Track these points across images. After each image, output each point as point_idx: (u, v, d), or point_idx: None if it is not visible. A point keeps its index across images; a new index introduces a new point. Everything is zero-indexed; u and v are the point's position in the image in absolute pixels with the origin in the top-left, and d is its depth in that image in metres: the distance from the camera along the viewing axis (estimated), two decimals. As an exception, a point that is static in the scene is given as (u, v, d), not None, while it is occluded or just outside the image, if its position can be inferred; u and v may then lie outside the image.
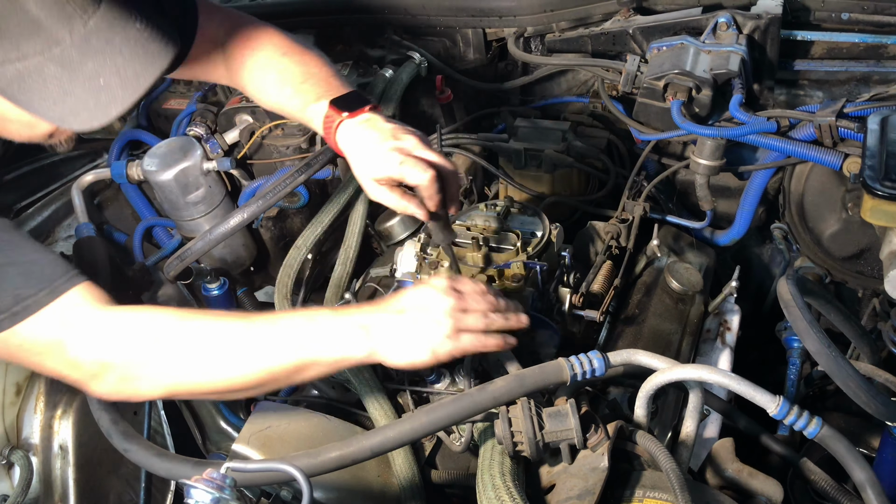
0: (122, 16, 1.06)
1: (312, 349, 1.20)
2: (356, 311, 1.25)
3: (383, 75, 2.06)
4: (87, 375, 1.19)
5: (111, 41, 1.04)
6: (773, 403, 1.16)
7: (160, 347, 1.18)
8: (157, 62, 1.08)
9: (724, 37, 1.77)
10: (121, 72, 1.05)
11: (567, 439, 1.18)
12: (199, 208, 1.88)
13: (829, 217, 1.80)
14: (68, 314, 1.16)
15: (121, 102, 1.06)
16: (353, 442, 1.18)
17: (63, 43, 1.02)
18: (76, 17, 1.02)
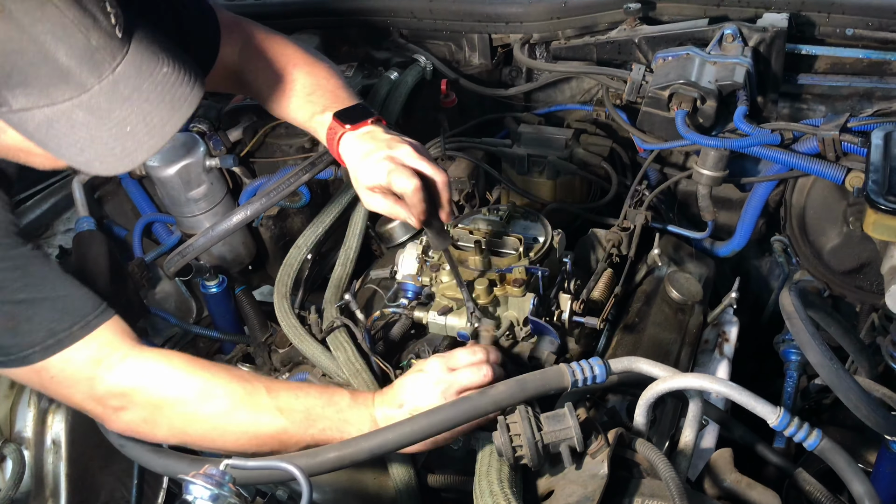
0: (150, 59, 1.08)
1: (325, 433, 1.27)
2: (369, 402, 1.32)
3: (388, 78, 2.06)
4: (110, 411, 1.25)
5: (139, 87, 1.06)
6: (773, 414, 1.16)
7: (182, 399, 1.24)
8: (183, 108, 1.09)
9: (730, 48, 1.78)
10: (147, 119, 1.07)
11: (566, 440, 1.18)
12: (200, 205, 1.88)
13: (829, 231, 1.81)
14: (99, 351, 1.21)
15: (146, 150, 1.08)
16: (352, 443, 1.18)
17: (92, 90, 1.03)
18: (105, 64, 1.03)
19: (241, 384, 1.26)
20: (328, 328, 1.61)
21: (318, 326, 1.64)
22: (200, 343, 2.07)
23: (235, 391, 1.25)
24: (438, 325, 1.55)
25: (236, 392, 1.25)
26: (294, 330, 1.62)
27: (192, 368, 1.26)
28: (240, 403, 1.25)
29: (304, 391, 1.29)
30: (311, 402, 1.28)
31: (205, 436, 1.26)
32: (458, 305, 1.54)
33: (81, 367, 1.20)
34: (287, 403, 1.26)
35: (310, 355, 1.59)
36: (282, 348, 1.81)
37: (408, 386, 1.33)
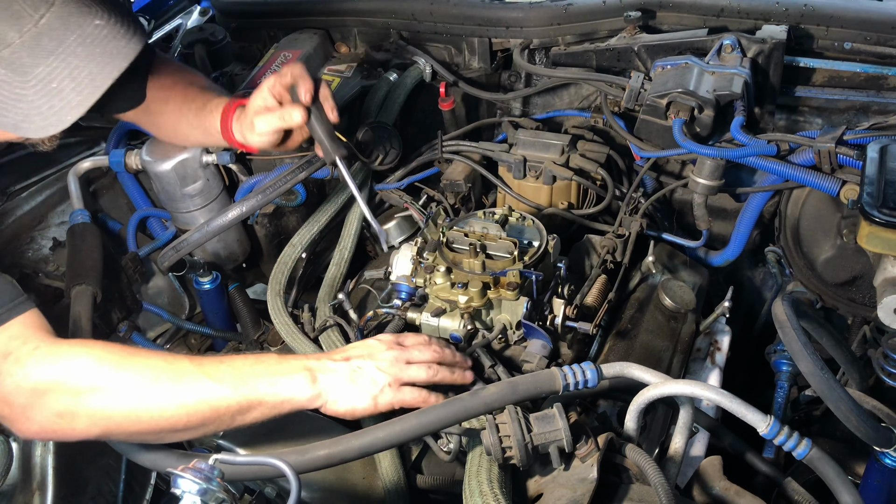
0: (80, 10, 1.01)
1: (257, 389, 1.19)
2: (302, 356, 1.28)
3: (387, 79, 2.07)
4: (19, 411, 1.14)
5: (64, 41, 0.99)
6: (763, 423, 1.17)
7: (100, 384, 1.14)
8: (115, 61, 1.03)
9: (729, 59, 1.79)
10: (74, 74, 1.00)
11: (556, 441, 1.18)
12: (195, 201, 1.87)
13: (823, 243, 1.81)
14: (8, 344, 1.13)
15: (76, 107, 1.02)
16: (342, 441, 1.18)
17: (12, 45, 0.97)
18: (25, 15, 0.97)
19: (162, 358, 1.20)
20: (321, 327, 1.61)
21: (311, 325, 1.64)
22: (192, 339, 2.06)
23: (155, 365, 1.17)
24: (431, 327, 1.55)
25: (156, 365, 1.17)
26: (287, 328, 1.62)
27: (108, 354, 1.17)
28: (161, 374, 1.16)
29: (230, 357, 1.24)
30: (237, 363, 1.22)
31: (128, 416, 1.15)
32: (452, 307, 1.54)
33: None
34: (211, 367, 1.19)
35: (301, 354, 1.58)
36: (274, 346, 1.81)
37: (357, 346, 1.32)
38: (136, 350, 1.22)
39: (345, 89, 2.07)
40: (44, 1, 0.98)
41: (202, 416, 1.17)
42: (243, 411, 1.20)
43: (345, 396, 1.25)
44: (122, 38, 1.03)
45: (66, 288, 1.64)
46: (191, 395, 1.16)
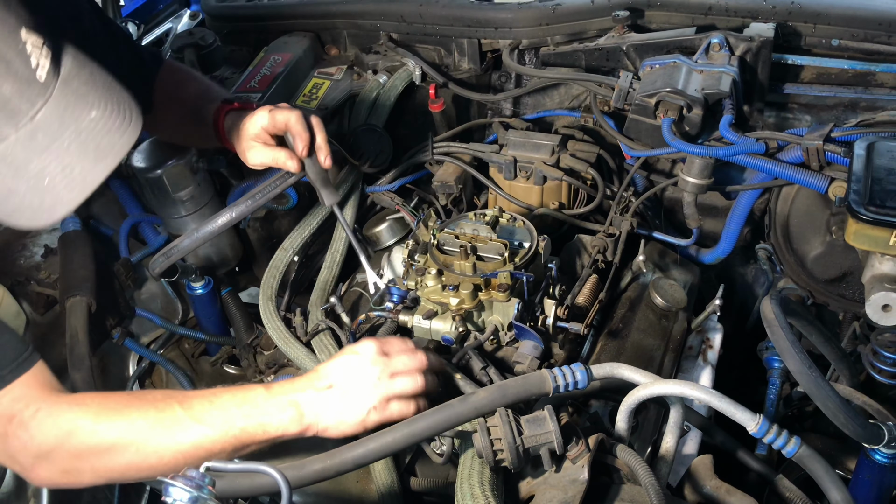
0: (77, 104, 1.02)
1: (247, 431, 1.23)
2: (289, 387, 1.28)
3: (377, 81, 2.07)
4: (27, 467, 1.20)
5: (59, 137, 1.00)
6: (752, 422, 1.17)
7: (99, 444, 1.19)
8: (108, 158, 1.04)
9: (717, 57, 1.79)
10: (67, 171, 1.01)
11: (546, 443, 1.19)
12: (186, 206, 1.87)
13: (813, 239, 1.82)
14: (11, 406, 1.17)
15: (66, 205, 1.03)
16: (336, 454, 1.18)
17: (7, 140, 0.98)
18: (21, 113, 0.97)
19: (154, 407, 1.22)
20: (313, 331, 1.62)
21: (304, 329, 1.64)
22: (186, 344, 2.07)
23: (148, 416, 1.21)
24: (423, 329, 1.56)
25: (149, 417, 1.21)
26: (279, 332, 1.63)
27: (104, 410, 1.21)
28: (155, 426, 1.20)
29: (218, 395, 1.25)
30: (225, 404, 1.24)
31: (129, 468, 1.21)
32: (443, 310, 1.54)
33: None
34: (201, 411, 1.22)
35: (294, 358, 1.59)
36: (267, 350, 1.81)
37: (340, 367, 1.30)
38: (130, 401, 1.25)
39: (334, 92, 2.07)
40: (40, 95, 0.99)
41: (198, 458, 1.21)
42: (237, 450, 1.24)
43: (334, 425, 1.27)
44: (117, 132, 1.05)
45: (60, 299, 1.64)
46: (185, 442, 1.20)
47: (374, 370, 1.29)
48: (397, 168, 2.03)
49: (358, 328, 1.63)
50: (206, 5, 2.41)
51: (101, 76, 1.07)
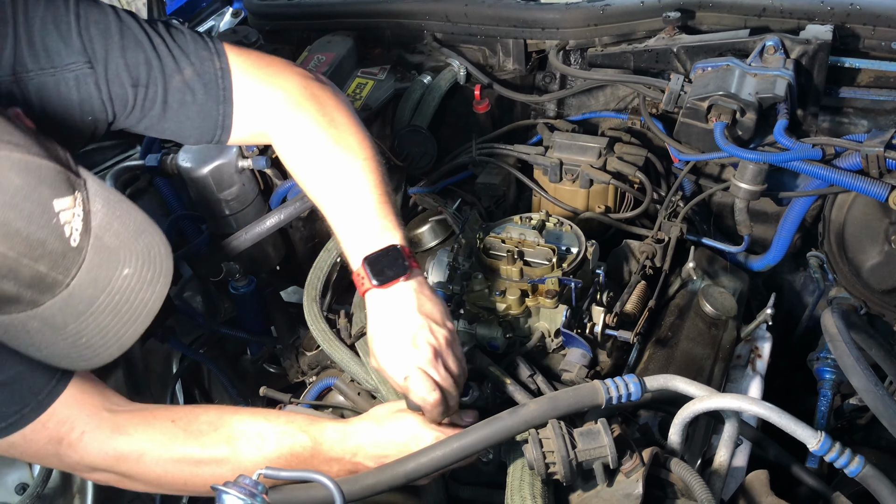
0: (109, 264, 1.03)
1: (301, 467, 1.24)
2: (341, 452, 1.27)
3: (421, 81, 2.05)
4: (84, 475, 1.31)
5: (94, 300, 1.02)
6: (814, 439, 1.14)
7: (144, 469, 1.24)
8: (141, 318, 1.07)
9: (771, 60, 1.75)
10: (103, 332, 1.05)
11: (600, 457, 1.16)
12: (231, 206, 1.87)
13: (869, 248, 1.77)
14: (57, 430, 1.20)
15: (102, 360, 1.08)
16: (388, 469, 1.18)
17: (45, 304, 1.00)
18: (58, 284, 1.00)
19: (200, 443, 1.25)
20: (358, 333, 1.60)
21: (347, 331, 1.63)
22: (227, 343, 2.07)
23: (194, 454, 1.25)
24: (468, 335, 1.54)
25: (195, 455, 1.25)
26: (323, 334, 1.62)
27: (147, 442, 1.24)
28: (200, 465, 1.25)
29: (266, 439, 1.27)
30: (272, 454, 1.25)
31: (172, 487, 1.28)
32: (489, 315, 1.52)
33: (45, 447, 1.21)
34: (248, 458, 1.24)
35: (338, 360, 1.58)
36: (309, 351, 1.81)
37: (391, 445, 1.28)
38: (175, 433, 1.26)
39: (378, 92, 2.06)
40: (74, 262, 1.00)
41: None
42: None
43: None
44: (149, 287, 1.06)
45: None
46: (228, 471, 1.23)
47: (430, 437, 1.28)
48: (440, 169, 2.01)
49: (402, 331, 1.61)
50: (249, 3, 2.41)
51: (130, 218, 1.07)
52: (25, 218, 0.95)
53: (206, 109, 1.35)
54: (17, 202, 0.94)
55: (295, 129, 1.37)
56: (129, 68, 1.28)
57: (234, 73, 1.35)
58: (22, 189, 0.94)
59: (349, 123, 1.39)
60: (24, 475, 1.62)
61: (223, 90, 1.35)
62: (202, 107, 1.34)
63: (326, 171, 1.35)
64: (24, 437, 1.18)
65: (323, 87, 1.42)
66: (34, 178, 0.96)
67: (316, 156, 1.36)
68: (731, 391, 1.67)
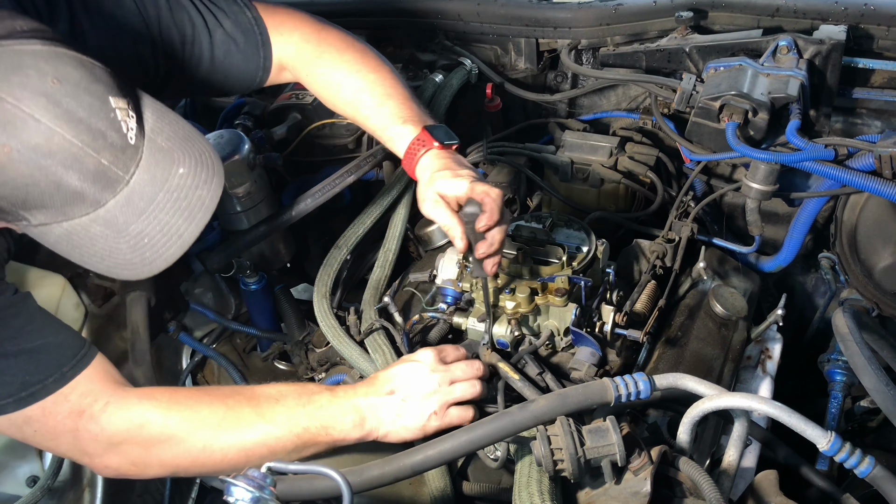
0: (165, 162, 1.07)
1: (310, 431, 1.27)
2: (351, 392, 1.32)
3: (433, 80, 2.05)
4: (96, 458, 1.25)
5: (153, 198, 1.06)
6: (824, 439, 1.13)
7: (168, 436, 1.23)
8: (199, 215, 1.09)
9: (784, 60, 1.74)
10: (165, 229, 1.07)
11: (609, 455, 1.16)
12: (242, 202, 1.87)
13: (882, 250, 1.76)
14: (80, 402, 1.21)
15: (165, 259, 1.09)
16: (395, 460, 1.18)
17: (107, 205, 1.03)
18: (119, 180, 1.03)
19: (223, 403, 1.27)
20: (367, 330, 1.61)
21: (357, 328, 1.64)
22: (238, 339, 2.08)
23: (217, 412, 1.26)
24: (477, 332, 1.54)
25: (218, 412, 1.26)
26: (333, 331, 1.62)
27: (174, 404, 1.25)
28: (223, 421, 1.25)
29: (284, 394, 1.30)
30: (291, 403, 1.28)
31: (194, 462, 1.26)
32: (499, 313, 1.52)
33: (63, 420, 1.20)
34: (269, 409, 1.27)
35: (348, 357, 1.58)
36: (319, 348, 1.81)
37: (401, 374, 1.34)
38: (199, 396, 1.30)
39: (390, 90, 2.06)
40: (132, 158, 1.05)
41: (260, 456, 1.24)
42: (298, 450, 1.28)
43: (394, 430, 1.31)
44: (204, 186, 1.10)
45: (120, 293, 1.66)
46: (250, 439, 1.25)
47: (434, 377, 1.33)
48: (451, 168, 2.00)
49: (412, 328, 1.62)
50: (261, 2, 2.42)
51: (179, 126, 1.12)
52: (87, 108, 0.99)
53: (248, 56, 1.48)
54: (79, 93, 0.99)
55: (323, 57, 1.52)
56: (178, 26, 1.38)
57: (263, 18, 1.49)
58: (81, 81, 1.00)
59: (364, 46, 1.58)
60: (35, 468, 1.63)
61: (260, 35, 1.49)
62: (245, 54, 1.47)
63: (362, 83, 1.50)
64: (42, 410, 1.18)
65: (326, 23, 1.60)
66: (90, 73, 1.02)
67: (348, 73, 1.51)
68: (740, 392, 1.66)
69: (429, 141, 1.45)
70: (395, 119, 1.49)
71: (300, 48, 1.55)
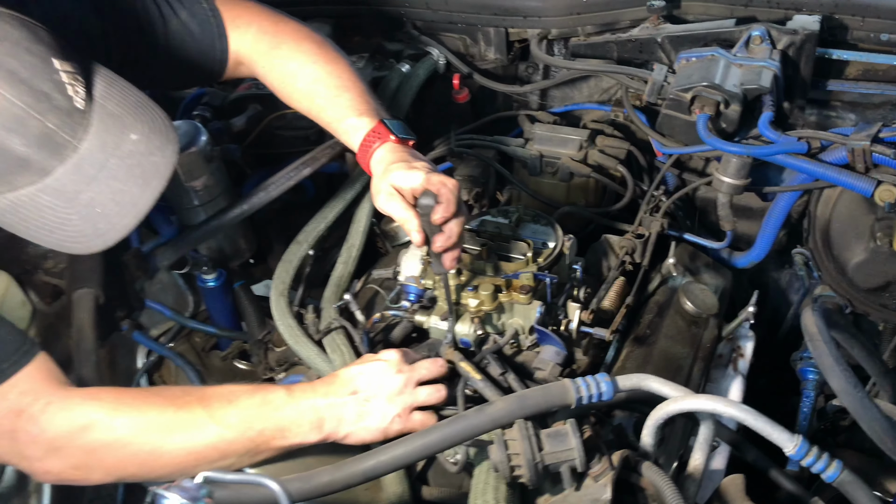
0: (116, 128, 1.03)
1: (265, 435, 1.20)
2: (310, 392, 1.25)
3: (399, 70, 2.00)
4: (35, 462, 1.17)
5: (105, 165, 1.02)
6: (790, 443, 1.10)
7: (113, 439, 1.16)
8: (154, 181, 1.05)
9: (757, 51, 1.70)
10: (117, 198, 1.03)
11: (568, 461, 1.12)
12: (200, 196, 1.81)
13: (855, 246, 1.72)
14: (19, 401, 1.14)
15: (119, 230, 1.05)
16: (345, 466, 1.13)
17: (55, 173, 0.99)
18: (66, 144, 0.99)
19: (172, 404, 1.20)
20: (325, 329, 1.55)
21: (316, 327, 1.58)
22: (196, 338, 2.02)
23: (165, 414, 1.19)
24: (440, 331, 1.49)
25: (166, 414, 1.19)
26: (290, 330, 1.57)
27: (120, 405, 1.19)
28: (172, 424, 1.18)
29: (238, 395, 1.23)
30: (244, 405, 1.21)
31: (141, 467, 1.19)
32: (462, 311, 1.47)
33: (0, 421, 1.13)
34: (220, 411, 1.20)
35: (305, 357, 1.53)
36: (279, 347, 1.75)
37: (365, 373, 1.28)
38: (146, 396, 1.24)
39: (355, 81, 2.00)
40: (80, 123, 1.01)
41: (211, 461, 1.19)
42: (252, 454, 1.21)
43: (355, 433, 1.26)
44: (158, 153, 1.06)
45: (67, 291, 1.60)
46: (200, 442, 1.18)
47: (399, 378, 1.28)
48: (418, 161, 1.95)
49: (373, 327, 1.56)
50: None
51: (131, 92, 1.08)
52: (28, 68, 0.96)
53: (204, 48, 1.44)
54: (19, 52, 0.96)
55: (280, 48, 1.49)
56: (131, 13, 1.34)
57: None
58: (22, 41, 0.97)
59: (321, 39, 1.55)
60: (-22, 474, 1.57)
61: (217, 27, 1.45)
62: (201, 45, 1.43)
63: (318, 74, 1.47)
64: None
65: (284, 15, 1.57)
66: (32, 34, 0.99)
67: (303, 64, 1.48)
68: (711, 391, 1.63)
69: (385, 134, 1.41)
70: (351, 111, 1.45)
71: (257, 40, 1.51)
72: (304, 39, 1.54)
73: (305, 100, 1.50)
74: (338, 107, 1.47)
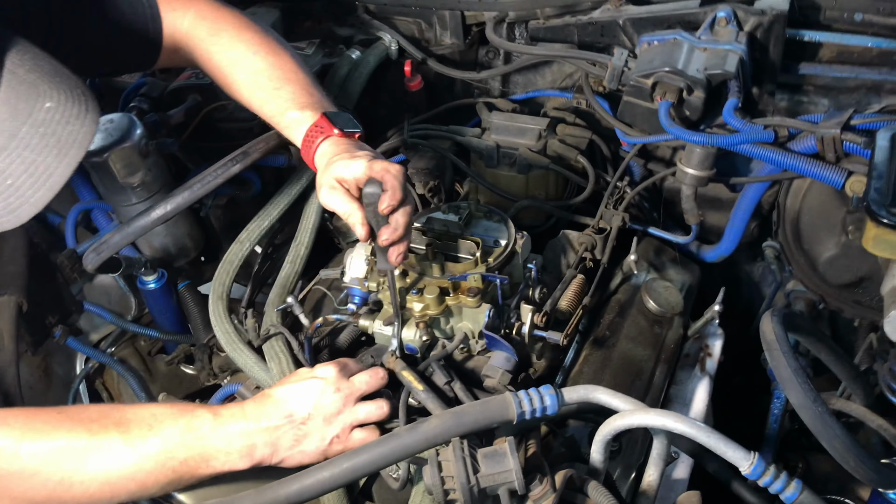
0: (28, 94, 0.96)
1: (190, 465, 1.12)
2: (240, 415, 1.16)
3: (349, 56, 1.90)
4: None
5: (16, 134, 0.95)
6: (746, 461, 1.02)
7: (20, 469, 1.07)
8: (71, 152, 0.98)
9: (723, 33, 1.60)
10: (31, 169, 0.96)
11: (506, 483, 1.03)
12: (138, 193, 1.71)
13: (826, 240, 1.63)
14: None
15: (33, 205, 0.98)
16: (267, 491, 1.05)
17: None
18: None
19: (86, 429, 1.11)
20: (264, 336, 1.46)
21: (256, 332, 1.49)
22: (142, 341, 1.92)
23: (79, 441, 1.09)
24: (385, 337, 1.40)
25: (80, 441, 1.09)
26: (228, 336, 1.47)
27: (28, 431, 1.09)
28: (86, 454, 1.09)
29: (160, 419, 1.13)
30: (166, 431, 1.12)
31: (50, 497, 1.09)
32: (406, 316, 1.38)
33: None
34: (140, 439, 1.11)
35: (242, 365, 1.44)
36: (223, 352, 1.66)
37: (300, 393, 1.19)
38: (60, 421, 1.12)
39: (304, 69, 1.90)
40: None
41: (129, 492, 1.11)
42: (174, 483, 1.13)
43: (292, 457, 1.18)
44: (76, 121, 0.99)
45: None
46: (115, 473, 1.10)
47: (337, 397, 1.20)
48: (371, 152, 1.85)
49: (315, 332, 1.47)
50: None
51: (45, 62, 1.02)
52: None
53: (136, 28, 1.38)
54: None
55: (220, 35, 1.43)
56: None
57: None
58: None
59: (263, 29, 1.49)
60: None
61: (150, 7, 1.39)
62: (132, 25, 1.38)
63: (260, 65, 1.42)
64: None
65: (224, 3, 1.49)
66: None
67: (245, 53, 1.42)
68: (676, 394, 1.55)
69: (328, 128, 1.35)
70: (293, 105, 1.39)
71: (195, 25, 1.44)
72: (246, 29, 1.47)
73: (246, 91, 1.44)
74: (279, 100, 1.41)
